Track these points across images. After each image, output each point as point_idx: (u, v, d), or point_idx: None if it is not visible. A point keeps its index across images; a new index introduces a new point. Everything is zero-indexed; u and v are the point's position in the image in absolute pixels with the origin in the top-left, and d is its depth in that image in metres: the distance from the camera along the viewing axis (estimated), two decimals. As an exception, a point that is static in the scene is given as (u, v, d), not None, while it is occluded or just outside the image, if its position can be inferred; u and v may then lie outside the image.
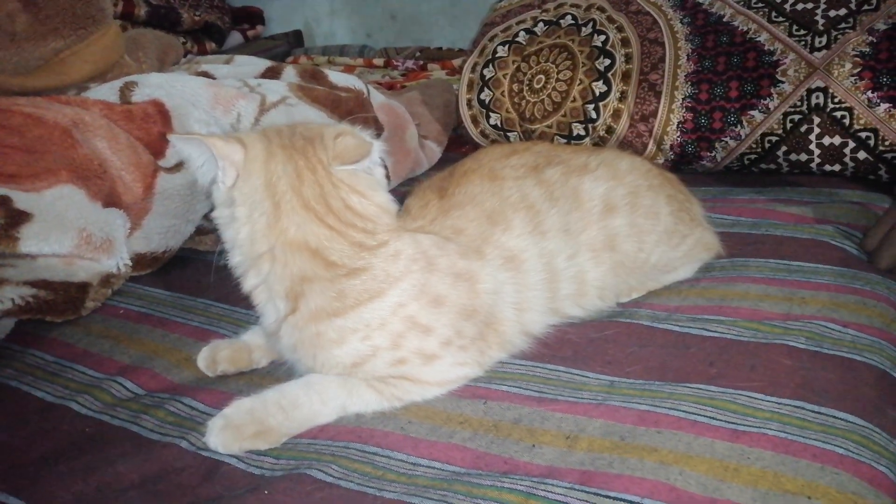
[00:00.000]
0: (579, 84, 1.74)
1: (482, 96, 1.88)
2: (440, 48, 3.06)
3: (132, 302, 1.27)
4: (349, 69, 2.90)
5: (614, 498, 0.72)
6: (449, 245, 0.98)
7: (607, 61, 1.72)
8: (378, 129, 1.72)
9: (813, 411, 0.84)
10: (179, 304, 1.25)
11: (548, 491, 0.74)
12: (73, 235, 1.16)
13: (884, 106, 1.44)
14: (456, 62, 2.80)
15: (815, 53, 1.51)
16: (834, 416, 0.82)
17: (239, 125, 1.45)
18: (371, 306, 0.89)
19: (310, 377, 0.93)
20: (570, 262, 1.08)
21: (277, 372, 1.04)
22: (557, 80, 1.78)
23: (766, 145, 1.57)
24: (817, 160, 1.53)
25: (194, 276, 1.36)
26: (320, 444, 0.87)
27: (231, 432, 0.87)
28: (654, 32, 1.70)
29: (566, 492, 0.74)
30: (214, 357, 1.05)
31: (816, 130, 1.51)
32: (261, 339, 1.08)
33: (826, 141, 1.51)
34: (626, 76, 1.70)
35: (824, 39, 1.52)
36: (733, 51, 1.61)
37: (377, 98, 1.76)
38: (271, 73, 1.74)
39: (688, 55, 1.65)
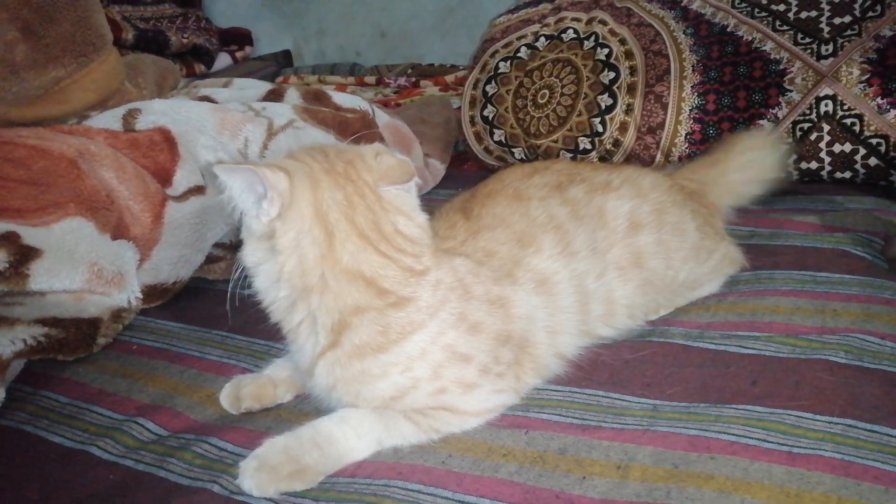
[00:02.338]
0: (584, 98, 1.73)
1: (485, 112, 1.87)
2: (432, 64, 3.05)
3: (145, 337, 1.23)
4: (340, 88, 2.88)
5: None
6: (483, 270, 0.95)
7: (612, 74, 1.71)
8: (383, 150, 1.69)
9: (866, 430, 0.82)
10: (195, 337, 1.21)
11: (609, 527, 0.72)
12: (83, 270, 1.12)
13: (893, 112, 1.44)
14: (448, 78, 2.80)
15: (822, 61, 1.51)
16: (888, 434, 0.81)
17: (247, 150, 1.43)
18: (413, 338, 0.86)
19: (344, 411, 0.89)
20: (599, 281, 1.06)
21: (304, 406, 1.00)
22: (562, 94, 1.77)
23: (777, 154, 1.56)
24: (828, 168, 1.53)
25: (207, 306, 1.32)
26: (360, 482, 0.84)
27: (266, 473, 0.83)
28: (658, 44, 1.70)
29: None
30: (238, 394, 1.01)
31: (826, 138, 1.51)
32: (285, 373, 1.04)
33: (836, 148, 1.50)
34: (631, 89, 1.69)
35: (830, 47, 1.52)
36: (739, 60, 1.60)
37: (382, 118, 1.74)
38: (274, 96, 1.71)
39: (693, 66, 1.65)
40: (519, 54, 1.87)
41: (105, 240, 1.18)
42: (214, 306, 1.32)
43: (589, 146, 1.73)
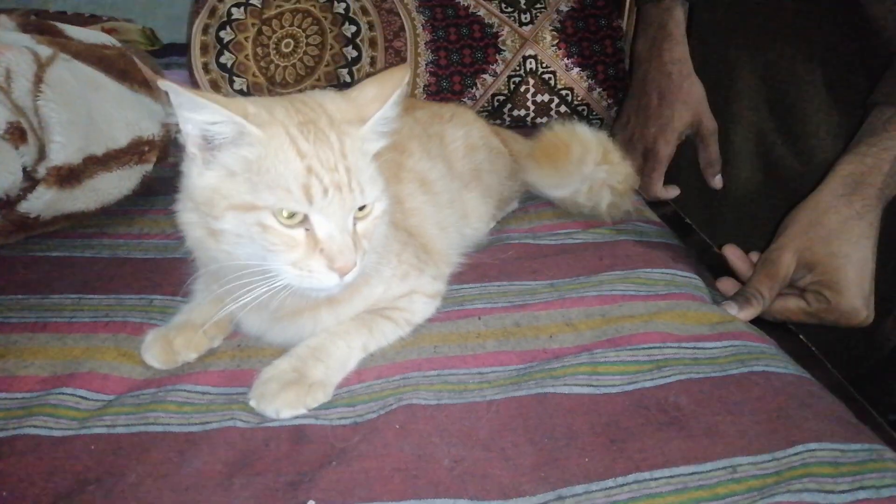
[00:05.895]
0: (331, 49, 1.82)
1: (222, 60, 1.80)
2: (63, 12, 2.62)
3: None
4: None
5: (647, 347, 0.94)
6: None
7: (353, 28, 1.84)
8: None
9: (680, 275, 1.17)
10: (37, 305, 0.98)
11: (605, 357, 0.91)
12: None
13: (575, 70, 1.91)
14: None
15: (524, 27, 1.91)
16: (681, 276, 1.17)
17: (10, 84, 1.15)
18: None
19: (328, 328, 0.90)
20: (454, 186, 1.23)
21: (245, 343, 0.95)
22: (308, 44, 1.82)
23: (496, 104, 1.91)
24: (532, 114, 1.94)
25: (31, 273, 1.07)
26: (377, 384, 0.87)
27: (291, 391, 0.80)
28: (389, 3, 1.89)
29: (617, 354, 0.92)
30: (170, 347, 0.89)
31: (532, 90, 1.91)
32: (205, 317, 0.95)
33: (539, 98, 1.92)
34: (373, 43, 1.84)
35: (528, 16, 1.92)
36: (461, 23, 1.90)
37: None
38: (-18, 24, 1.37)
39: (423, 25, 1.89)
40: (252, 2, 1.84)
41: None
42: (26, 272, 1.07)
43: (338, 96, 1.82)
